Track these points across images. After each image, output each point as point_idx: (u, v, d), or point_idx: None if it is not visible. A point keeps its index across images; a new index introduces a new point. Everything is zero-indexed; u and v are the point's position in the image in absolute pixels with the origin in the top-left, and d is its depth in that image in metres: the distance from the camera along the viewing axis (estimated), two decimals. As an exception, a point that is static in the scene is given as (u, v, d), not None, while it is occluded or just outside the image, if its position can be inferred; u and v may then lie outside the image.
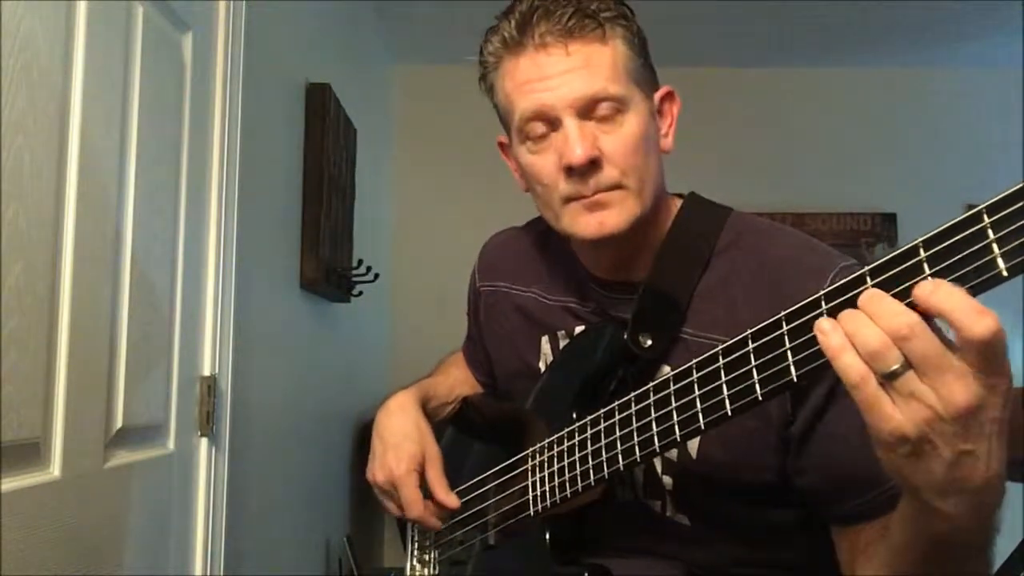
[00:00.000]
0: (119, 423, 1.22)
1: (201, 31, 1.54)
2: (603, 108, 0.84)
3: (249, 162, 1.72)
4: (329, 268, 2.39)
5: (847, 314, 0.56)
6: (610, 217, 0.85)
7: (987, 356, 0.52)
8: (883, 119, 3.96)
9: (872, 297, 0.55)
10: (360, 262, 2.71)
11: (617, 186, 0.85)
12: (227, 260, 1.62)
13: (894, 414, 0.55)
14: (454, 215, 3.82)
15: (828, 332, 0.57)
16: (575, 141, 0.83)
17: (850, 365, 0.56)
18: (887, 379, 0.55)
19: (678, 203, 0.96)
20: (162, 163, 1.38)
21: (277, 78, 2.07)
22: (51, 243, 1.05)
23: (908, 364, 0.54)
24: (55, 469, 1.05)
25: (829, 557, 0.84)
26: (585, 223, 0.86)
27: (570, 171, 0.84)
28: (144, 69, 1.29)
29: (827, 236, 3.67)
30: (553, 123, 0.86)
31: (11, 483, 0.96)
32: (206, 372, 1.56)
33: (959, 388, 0.53)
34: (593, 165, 0.84)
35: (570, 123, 0.84)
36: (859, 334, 0.55)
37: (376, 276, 2.74)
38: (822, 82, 3.99)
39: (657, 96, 0.91)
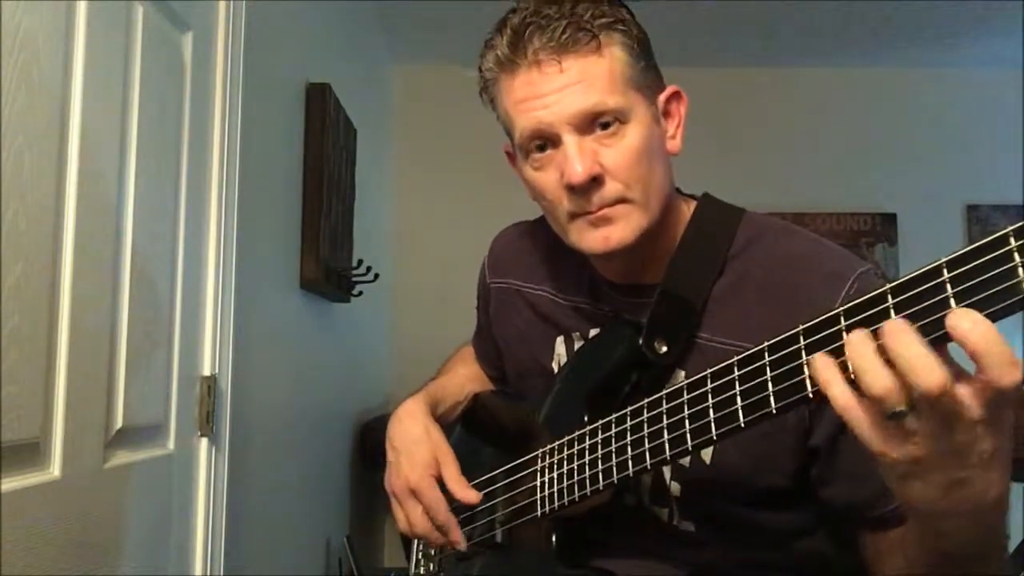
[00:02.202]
0: (119, 423, 1.22)
1: (201, 31, 1.54)
2: (602, 122, 0.83)
3: (249, 162, 1.72)
4: (329, 268, 2.39)
5: (858, 347, 0.54)
6: (615, 231, 0.85)
7: (1002, 403, 0.52)
8: (883, 119, 3.96)
9: (899, 334, 0.52)
10: (360, 262, 2.71)
11: (621, 200, 0.84)
12: (227, 260, 1.62)
13: (887, 448, 0.56)
14: (454, 215, 3.82)
15: (819, 369, 0.57)
16: (574, 159, 0.82)
17: (837, 395, 0.56)
18: (889, 418, 0.54)
19: (691, 205, 0.95)
20: (162, 163, 1.38)
21: (277, 78, 2.07)
22: (51, 243, 1.05)
23: (913, 406, 0.53)
24: (55, 469, 1.05)
25: (832, 559, 0.84)
26: (591, 239, 0.86)
27: (572, 189, 0.84)
28: (144, 69, 1.29)
29: (827, 236, 3.62)
30: (553, 140, 0.85)
31: (11, 483, 0.95)
32: (206, 372, 1.56)
33: (961, 430, 0.53)
34: (595, 182, 0.83)
35: (569, 140, 0.83)
36: (867, 376, 0.53)
37: (376, 276, 2.74)
38: (822, 82, 3.99)
39: (662, 98, 0.90)
